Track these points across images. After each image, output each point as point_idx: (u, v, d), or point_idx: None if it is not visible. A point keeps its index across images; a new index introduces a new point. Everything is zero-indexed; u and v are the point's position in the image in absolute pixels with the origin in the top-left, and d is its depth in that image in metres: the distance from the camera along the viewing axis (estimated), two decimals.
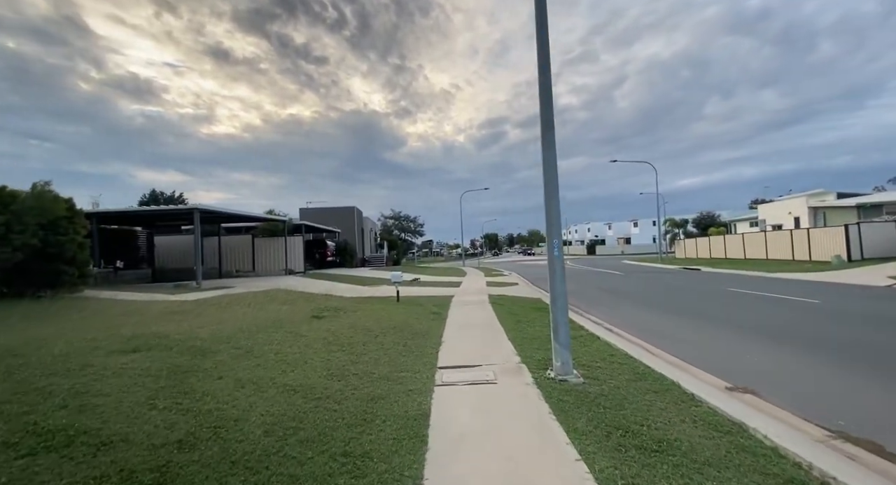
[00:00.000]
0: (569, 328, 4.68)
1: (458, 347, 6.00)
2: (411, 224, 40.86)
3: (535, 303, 10.99)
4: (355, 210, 29.08)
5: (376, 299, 11.60)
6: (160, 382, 3.73)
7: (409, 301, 11.38)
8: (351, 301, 10.77)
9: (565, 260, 22.82)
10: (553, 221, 4.67)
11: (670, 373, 4.64)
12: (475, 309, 10.02)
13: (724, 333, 7.12)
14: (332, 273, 20.12)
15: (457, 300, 11.69)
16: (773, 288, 12.66)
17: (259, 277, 17.45)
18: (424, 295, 13.24)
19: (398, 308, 9.92)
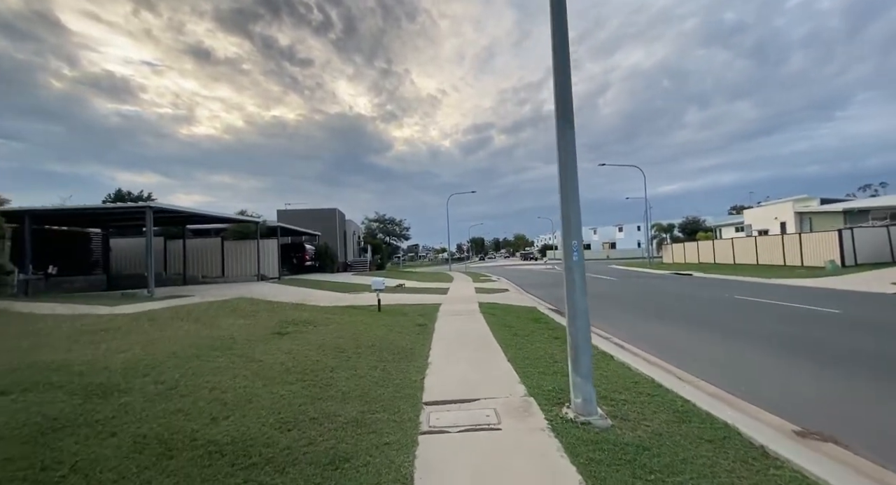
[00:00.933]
0: (591, 355, 3.67)
1: (447, 372, 4.95)
2: (396, 227, 39.59)
3: (531, 313, 10.03)
4: (337, 212, 27.73)
5: (355, 309, 10.45)
6: (9, 449, 2.53)
7: (392, 310, 10.27)
8: (325, 311, 9.59)
9: (553, 265, 22.05)
10: (571, 220, 3.68)
11: (717, 410, 3.69)
12: (465, 320, 8.98)
13: (755, 350, 6.25)
14: (310, 279, 18.78)
15: (444, 309, 10.64)
16: (780, 295, 12.01)
17: (228, 284, 16.02)
18: (409, 303, 12.15)
19: (379, 319, 8.81)
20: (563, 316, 10.25)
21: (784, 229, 29.07)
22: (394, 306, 11.13)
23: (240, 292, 12.32)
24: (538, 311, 10.31)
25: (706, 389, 4.50)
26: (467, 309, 10.69)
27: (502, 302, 12.19)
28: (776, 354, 5.98)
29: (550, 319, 9.06)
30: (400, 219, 39.90)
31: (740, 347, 6.45)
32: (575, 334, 3.61)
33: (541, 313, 9.86)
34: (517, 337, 7.07)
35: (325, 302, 11.41)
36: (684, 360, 5.74)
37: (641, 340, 7.04)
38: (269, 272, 18.06)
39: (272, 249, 18.30)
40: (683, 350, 6.42)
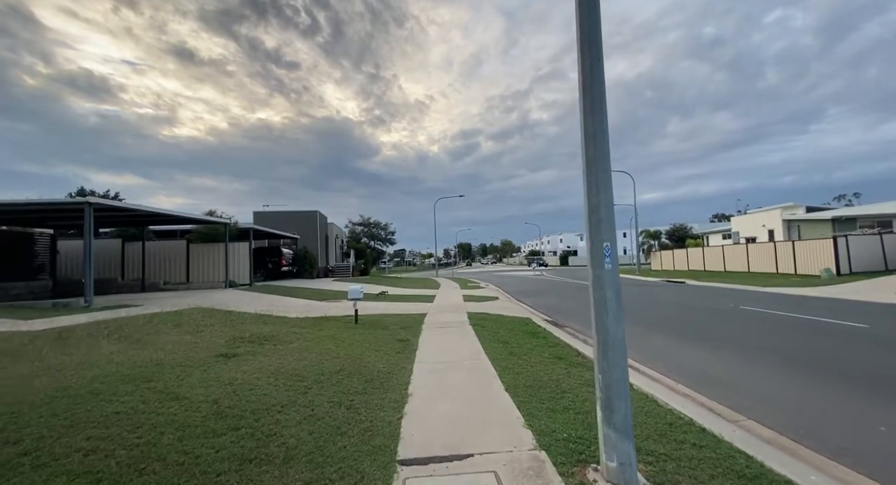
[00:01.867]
0: (629, 401, 2.67)
1: (432, 409, 3.91)
2: (381, 231, 38.28)
3: (525, 325, 9.05)
4: (318, 215, 26.40)
5: (329, 321, 9.30)
6: None
7: (371, 322, 9.17)
8: (292, 324, 8.43)
9: (541, 271, 20.76)
10: (601, 212, 2.71)
11: (788, 467, 2.74)
12: (453, 334, 7.94)
13: (796, 377, 5.35)
14: (285, 286, 17.45)
15: (430, 320, 9.58)
16: (787, 306, 11.31)
17: (192, 291, 14.61)
18: (392, 313, 11.05)
19: (355, 334, 7.70)
20: (560, 328, 9.28)
21: (772, 237, 28.98)
22: (374, 317, 10.02)
23: (199, 301, 11.00)
24: (533, 323, 9.34)
25: (760, 433, 3.55)
26: (455, 320, 9.66)
27: (493, 312, 11.20)
28: (823, 381, 5.11)
29: (548, 332, 8.09)
30: (385, 222, 38.67)
31: (775, 371, 5.57)
32: (607, 372, 2.61)
33: (536, 326, 8.89)
34: (513, 356, 6.08)
35: (295, 312, 10.22)
36: (717, 387, 4.82)
37: (655, 360, 6.11)
38: (240, 278, 16.64)
39: (243, 253, 16.87)
40: (709, 374, 5.51)
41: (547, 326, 9.07)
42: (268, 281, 20.33)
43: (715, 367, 5.87)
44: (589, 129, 2.72)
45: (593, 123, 2.71)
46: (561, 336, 7.75)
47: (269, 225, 23.42)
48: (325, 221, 28.75)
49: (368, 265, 32.18)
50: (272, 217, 25.38)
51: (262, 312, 9.82)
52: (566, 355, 6.16)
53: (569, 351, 6.45)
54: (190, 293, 13.36)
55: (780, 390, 4.78)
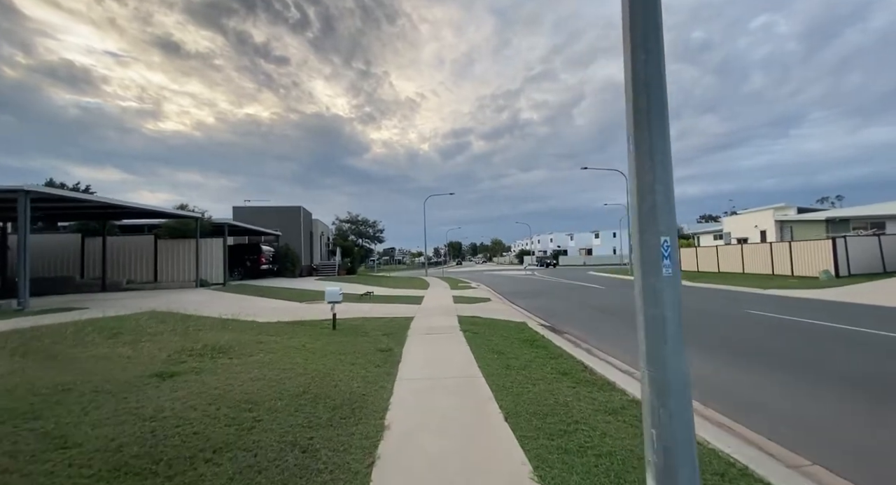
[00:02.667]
0: (698, 470, 1.83)
1: (413, 450, 3.06)
2: (370, 229, 37.13)
3: (521, 331, 8.24)
4: (302, 210, 25.20)
5: (303, 326, 8.37)
6: None
7: (351, 328, 8.27)
8: (260, 331, 7.48)
9: (533, 270, 19.71)
10: (657, 199, 1.85)
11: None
12: (442, 342, 7.09)
13: (850, 402, 4.63)
14: (263, 285, 16.36)
15: (417, 326, 8.72)
16: (797, 311, 10.64)
17: (158, 291, 13.46)
18: (376, 316, 10.15)
19: (331, 342, 6.80)
20: (559, 335, 8.49)
21: (764, 238, 28.78)
22: (355, 322, 9.12)
23: (158, 303, 9.94)
24: (529, 328, 8.54)
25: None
26: (445, 325, 8.81)
27: (485, 315, 10.37)
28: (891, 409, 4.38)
29: (547, 340, 7.28)
30: (374, 220, 37.54)
31: (823, 394, 4.83)
32: (666, 426, 1.78)
33: (533, 332, 8.08)
34: (511, 371, 5.26)
35: (266, 316, 9.24)
36: (756, 414, 4.06)
37: None
38: (213, 277, 15.47)
39: (217, 250, 15.65)
40: (741, 396, 4.76)
41: (544, 332, 8.27)
42: (245, 280, 19.16)
43: (744, 385, 5.13)
44: (639, 70, 1.88)
45: (645, 59, 1.86)
46: (562, 345, 6.96)
47: (250, 221, 22.25)
48: (309, 217, 27.57)
49: (356, 264, 31.10)
50: (253, 213, 24.11)
51: (229, 315, 8.82)
52: (571, 370, 5.36)
53: (573, 364, 5.64)
54: (154, 294, 12.23)
55: (836, 420, 4.03)
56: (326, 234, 33.58)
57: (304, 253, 25.88)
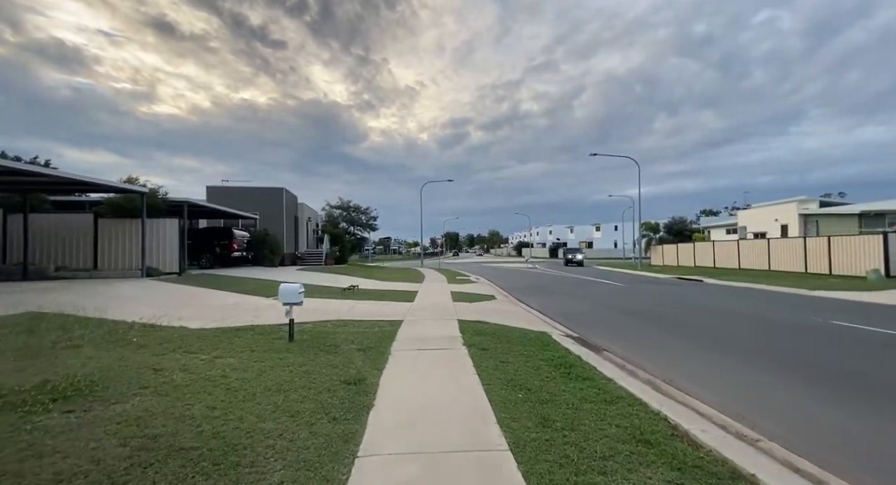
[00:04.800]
0: None
1: None
2: (363, 216, 34.74)
3: (545, 346, 6.10)
4: (284, 192, 22.75)
5: (250, 334, 6.19)
6: None
7: (316, 338, 6.12)
8: (176, 346, 5.27)
9: (535, 263, 16.36)
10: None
11: None
12: (440, 367, 4.94)
13: None
14: (229, 276, 14.08)
15: (406, 335, 6.55)
16: (890, 322, 8.55)
17: (91, 281, 11.15)
18: (355, 318, 7.99)
19: (275, 366, 4.63)
20: (597, 353, 6.27)
21: (785, 232, 26.78)
22: (325, 327, 6.96)
23: (69, 299, 7.68)
24: (554, 342, 6.39)
25: None
26: (442, 334, 6.65)
27: (492, 319, 8.21)
28: None
29: (588, 366, 5.14)
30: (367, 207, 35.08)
31: None
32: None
33: (562, 350, 5.93)
34: (554, 434, 3.14)
35: (206, 318, 7.02)
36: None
37: (766, 416, 3.23)
38: (166, 265, 13.14)
39: (170, 233, 13.21)
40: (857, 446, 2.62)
41: (576, 348, 6.13)
42: (213, 269, 16.88)
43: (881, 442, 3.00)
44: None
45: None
46: (611, 374, 4.82)
47: (227, 203, 19.86)
48: (294, 200, 25.14)
49: (345, 253, 28.80)
50: (229, 193, 21.63)
51: (151, 318, 6.58)
52: (651, 432, 3.22)
53: (649, 419, 3.50)
54: (79, 285, 9.96)
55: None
56: (315, 220, 31.18)
57: (288, 240, 23.57)
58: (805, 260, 19.18)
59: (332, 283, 14.85)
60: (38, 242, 12.31)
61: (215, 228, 19.25)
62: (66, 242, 12.64)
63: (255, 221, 21.29)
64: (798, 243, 20.10)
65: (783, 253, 20.76)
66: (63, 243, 12.66)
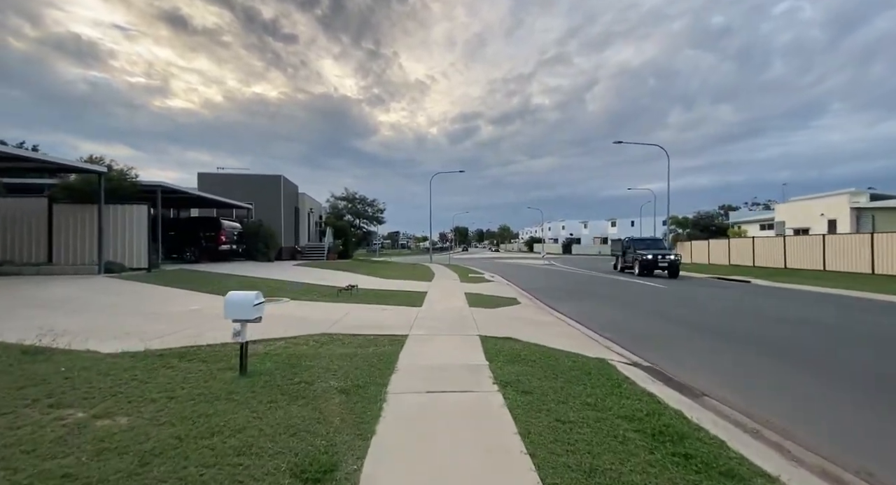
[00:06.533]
0: None
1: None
2: (369, 208, 32.89)
3: (612, 384, 4.19)
4: (282, 180, 20.91)
5: (191, 360, 4.33)
6: None
7: (282, 367, 4.30)
8: (60, 384, 3.41)
9: (551, 260, 13.00)
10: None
11: None
12: (461, 426, 3.02)
13: None
14: (211, 272, 12.32)
15: (409, 362, 4.64)
16: None
17: (37, 278, 9.45)
18: (344, 332, 6.15)
19: (198, 427, 2.76)
20: (694, 398, 3.59)
21: (832, 228, 24.23)
22: (301, 346, 5.11)
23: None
24: (624, 378, 4.44)
25: None
26: (461, 360, 4.73)
27: (524, 334, 6.27)
28: None
29: (701, 431, 3.15)
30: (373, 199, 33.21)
31: None
32: None
33: (644, 395, 3.97)
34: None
35: (129, 338, 5.17)
36: None
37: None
38: (133, 259, 11.37)
39: (137, 221, 11.31)
40: None
41: (662, 392, 4.14)
42: (198, 264, 15.15)
43: None
44: None
45: None
46: (753, 452, 2.82)
47: (220, 191, 18.16)
48: (294, 190, 23.35)
49: (350, 247, 27.00)
50: (222, 181, 19.86)
51: (59, 334, 4.76)
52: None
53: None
54: (12, 283, 8.20)
55: None
56: (318, 211, 29.42)
57: (287, 233, 21.84)
58: (872, 260, 16.77)
59: (329, 281, 13.04)
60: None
61: (200, 218, 17.57)
62: (17, 231, 10.95)
63: (249, 211, 19.56)
64: (863, 240, 17.63)
65: (843, 251, 18.32)
66: (12, 233, 10.95)
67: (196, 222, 16.79)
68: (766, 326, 8.07)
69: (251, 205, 19.35)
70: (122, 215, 11.17)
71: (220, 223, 16.18)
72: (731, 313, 9.54)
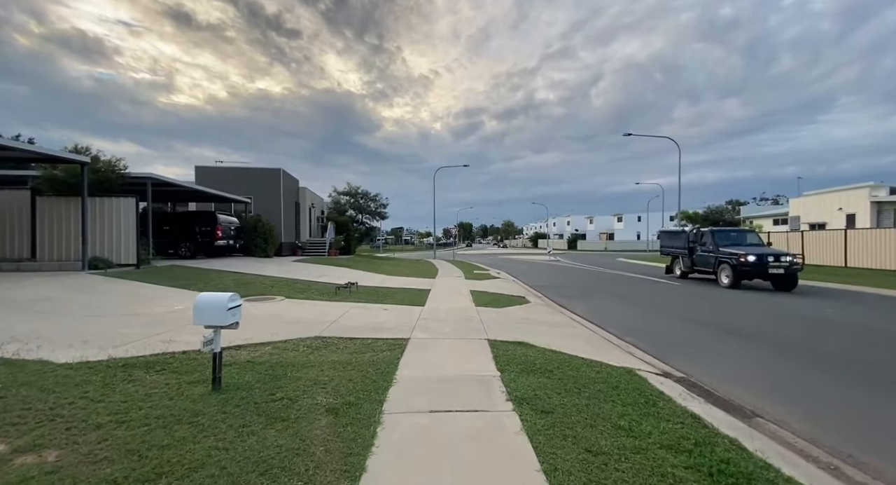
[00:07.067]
0: None
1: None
2: (371, 203, 32.33)
3: (644, 398, 3.62)
4: (282, 174, 20.31)
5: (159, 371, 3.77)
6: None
7: (263, 379, 3.72)
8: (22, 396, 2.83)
9: (557, 256, 12.02)
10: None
11: None
12: (471, 459, 2.41)
13: None
14: (204, 269, 11.82)
15: (410, 373, 4.08)
16: None
17: (16, 275, 8.94)
18: (340, 335, 5.60)
19: (151, 455, 2.12)
20: (745, 421, 3.14)
21: (851, 223, 23.35)
22: (289, 352, 4.54)
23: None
24: (657, 393, 3.84)
25: None
26: (468, 369, 4.15)
27: (537, 337, 5.67)
28: None
29: (769, 469, 2.53)
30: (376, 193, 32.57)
31: None
32: None
33: (685, 415, 3.37)
34: None
35: (93, 345, 4.62)
36: None
37: None
38: (121, 255, 10.81)
39: (125, 214, 10.70)
40: None
41: (706, 411, 3.54)
42: (193, 260, 14.64)
43: None
44: None
45: None
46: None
47: (218, 185, 17.64)
48: (294, 184, 22.78)
49: (352, 242, 26.47)
50: (219, 175, 19.29)
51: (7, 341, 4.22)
52: None
53: None
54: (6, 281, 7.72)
55: None
56: (320, 206, 28.87)
57: (287, 228, 21.31)
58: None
59: (329, 278, 12.49)
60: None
61: (195, 213, 17.03)
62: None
63: (247, 206, 19.02)
64: (888, 235, 16.79)
65: (867, 246, 17.48)
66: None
67: (191, 217, 16.26)
68: (784, 326, 7.41)
69: (249, 199, 18.81)
70: (109, 209, 10.62)
71: (216, 218, 15.63)
72: (752, 314, 8.88)
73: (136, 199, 10.87)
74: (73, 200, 10.24)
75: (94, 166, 10.51)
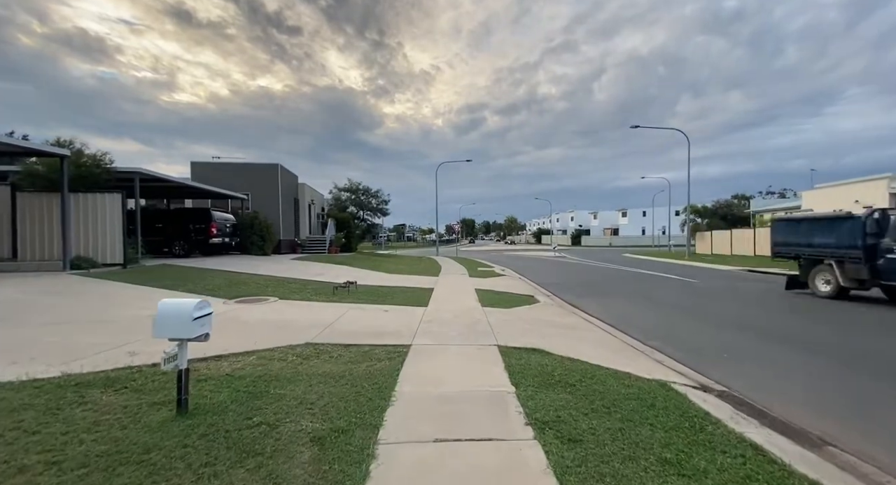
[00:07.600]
0: None
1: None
2: (373, 199, 31.71)
3: (689, 423, 3.06)
4: (280, 170, 19.71)
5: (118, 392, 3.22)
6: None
7: (238, 398, 3.17)
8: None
9: (563, 253, 11.21)
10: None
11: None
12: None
13: None
14: (196, 269, 11.28)
15: (411, 390, 3.53)
16: None
17: (4, 275, 8.47)
18: (332, 342, 5.07)
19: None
20: (819, 454, 2.66)
21: None
22: (278, 362, 4.00)
23: None
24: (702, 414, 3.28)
25: None
26: (478, 384, 3.59)
27: (552, 343, 5.11)
28: None
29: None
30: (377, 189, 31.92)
31: None
32: None
33: (747, 446, 2.79)
34: None
35: (49, 359, 4.11)
36: None
37: None
38: (107, 253, 10.26)
39: (108, 212, 10.12)
40: None
41: (766, 438, 2.96)
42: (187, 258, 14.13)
43: None
44: None
45: None
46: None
47: (214, 181, 17.11)
48: (293, 180, 22.20)
49: (353, 240, 25.91)
50: (215, 170, 18.72)
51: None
52: None
53: None
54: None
55: None
56: (320, 203, 28.31)
57: (287, 225, 20.77)
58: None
59: (327, 276, 11.96)
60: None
61: (189, 209, 16.50)
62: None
63: (244, 202, 18.47)
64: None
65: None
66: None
67: (185, 214, 15.72)
68: (841, 334, 6.80)
69: (246, 195, 18.24)
70: (94, 205, 10.06)
71: (211, 214, 15.08)
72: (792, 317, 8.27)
73: (122, 195, 10.32)
74: (54, 197, 9.71)
75: (78, 161, 9.98)
